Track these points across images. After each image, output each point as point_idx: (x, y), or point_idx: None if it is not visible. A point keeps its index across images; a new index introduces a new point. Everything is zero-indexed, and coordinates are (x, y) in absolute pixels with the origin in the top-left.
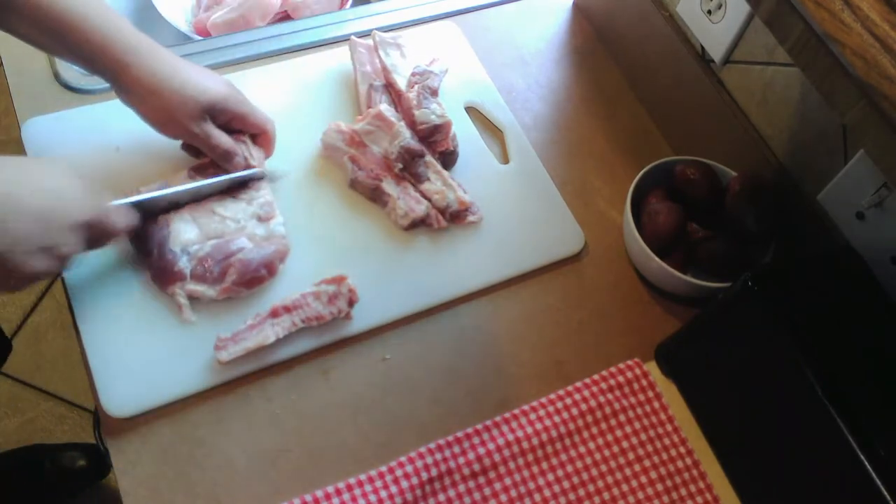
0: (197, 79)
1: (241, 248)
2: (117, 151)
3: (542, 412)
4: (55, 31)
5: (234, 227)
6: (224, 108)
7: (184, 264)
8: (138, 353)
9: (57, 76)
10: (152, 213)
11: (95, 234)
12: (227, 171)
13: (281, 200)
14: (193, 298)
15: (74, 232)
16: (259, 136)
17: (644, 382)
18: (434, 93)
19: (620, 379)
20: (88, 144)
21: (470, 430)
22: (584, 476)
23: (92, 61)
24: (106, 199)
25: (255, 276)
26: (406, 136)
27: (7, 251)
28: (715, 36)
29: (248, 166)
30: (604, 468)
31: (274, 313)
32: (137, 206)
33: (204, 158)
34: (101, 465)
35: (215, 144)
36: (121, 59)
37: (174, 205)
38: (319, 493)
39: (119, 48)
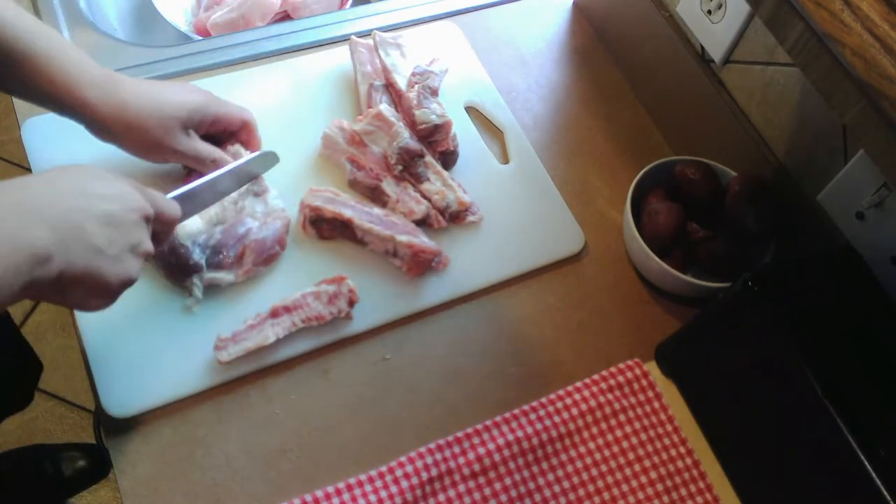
0: (169, 96)
1: (249, 229)
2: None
3: (542, 412)
4: (16, 74)
5: (233, 208)
6: (204, 114)
7: (198, 256)
8: (138, 353)
9: None
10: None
11: (157, 228)
12: None
13: (281, 200)
14: (213, 286)
15: (144, 227)
16: (241, 131)
17: (644, 382)
18: (434, 93)
19: (620, 379)
20: (88, 144)
21: (470, 430)
22: (584, 476)
23: (59, 105)
24: (154, 193)
25: (271, 254)
26: (405, 137)
27: (96, 263)
28: (715, 36)
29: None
30: (604, 468)
31: (274, 313)
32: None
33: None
34: (101, 465)
35: (204, 157)
36: (88, 100)
37: (202, 204)
38: (319, 493)
39: (86, 87)
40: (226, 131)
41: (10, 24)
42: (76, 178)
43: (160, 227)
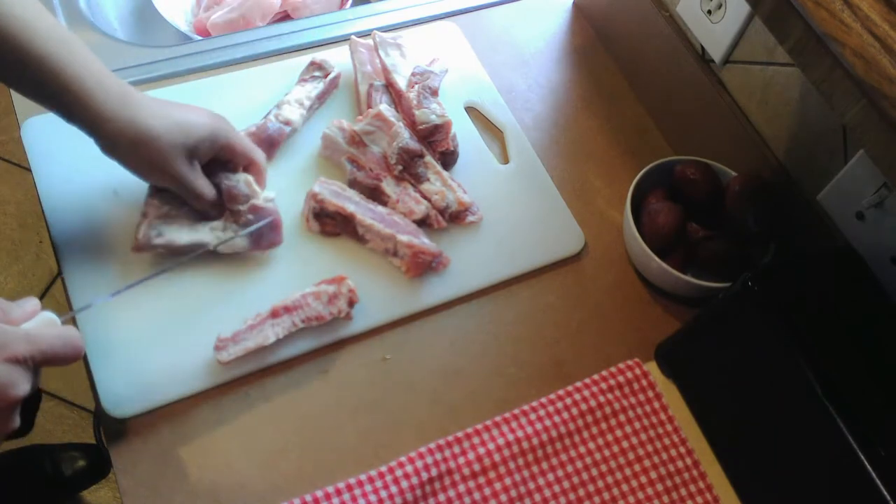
0: (180, 119)
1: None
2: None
3: (542, 412)
4: (30, 78)
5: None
6: (213, 143)
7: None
8: (138, 353)
9: None
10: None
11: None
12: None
13: (280, 201)
14: (227, 244)
15: (6, 414)
16: (248, 168)
17: (644, 382)
18: (434, 93)
19: (620, 379)
20: (88, 144)
21: (470, 430)
22: (584, 476)
23: (69, 112)
24: (45, 342)
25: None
26: (404, 137)
27: None
28: (715, 36)
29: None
30: (604, 468)
31: (274, 313)
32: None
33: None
34: (101, 465)
35: (199, 194)
36: (100, 112)
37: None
38: (319, 493)
39: (99, 99)
40: (232, 162)
41: (30, 25)
42: None
43: (58, 365)
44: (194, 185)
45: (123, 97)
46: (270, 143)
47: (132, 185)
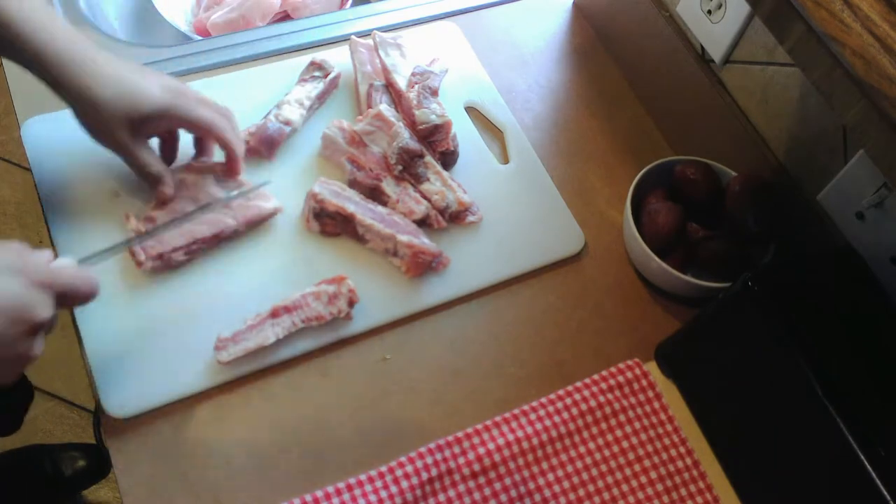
0: (130, 89)
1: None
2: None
3: (542, 412)
4: (7, 46)
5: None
6: (165, 118)
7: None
8: (138, 353)
9: None
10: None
11: (73, 303)
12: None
13: (280, 201)
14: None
15: (28, 338)
16: (225, 150)
17: (644, 382)
18: (434, 93)
19: (620, 379)
20: (88, 144)
21: (470, 430)
22: (584, 476)
23: (43, 78)
24: (62, 278)
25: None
26: (405, 137)
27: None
28: (715, 36)
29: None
30: (604, 468)
31: (274, 313)
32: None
33: (197, 157)
34: (101, 465)
35: (141, 165)
36: (60, 79)
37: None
38: (319, 493)
39: (61, 66)
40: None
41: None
42: None
43: (76, 302)
44: (136, 156)
45: (83, 64)
46: (270, 143)
47: (132, 185)
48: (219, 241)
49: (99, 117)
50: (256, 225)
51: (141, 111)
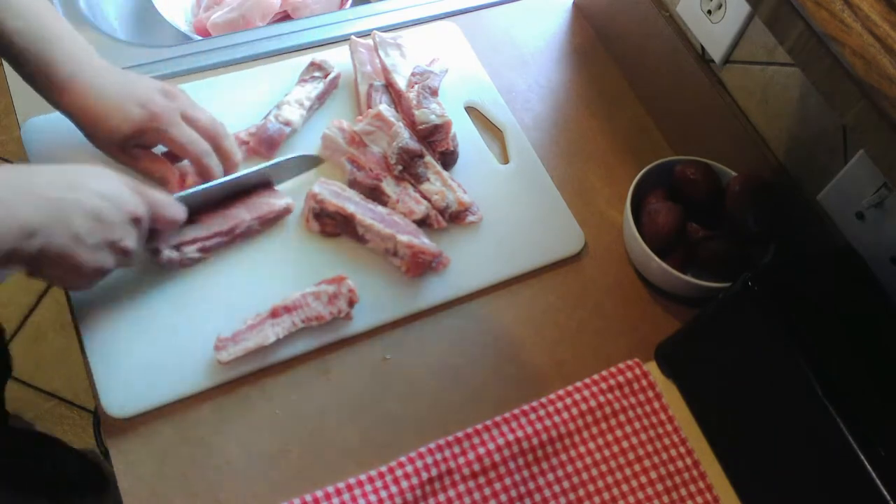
0: (108, 112)
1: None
2: None
3: (542, 412)
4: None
5: None
6: (145, 139)
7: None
8: (138, 353)
9: None
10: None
11: (157, 227)
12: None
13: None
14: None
15: (131, 226)
16: (219, 153)
17: (644, 382)
18: (434, 93)
19: (620, 379)
20: (88, 145)
21: (470, 430)
22: (584, 476)
23: (32, 79)
24: (155, 195)
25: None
26: (405, 137)
27: (73, 248)
28: (715, 36)
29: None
30: (604, 468)
31: (274, 313)
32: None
33: None
34: (100, 483)
35: (141, 173)
36: (50, 99)
37: (208, 203)
38: (319, 493)
39: (62, 69)
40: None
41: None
42: (81, 174)
43: (161, 226)
44: (132, 167)
45: (68, 82)
46: (270, 143)
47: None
48: (233, 238)
49: (86, 133)
50: (270, 223)
51: (121, 132)
